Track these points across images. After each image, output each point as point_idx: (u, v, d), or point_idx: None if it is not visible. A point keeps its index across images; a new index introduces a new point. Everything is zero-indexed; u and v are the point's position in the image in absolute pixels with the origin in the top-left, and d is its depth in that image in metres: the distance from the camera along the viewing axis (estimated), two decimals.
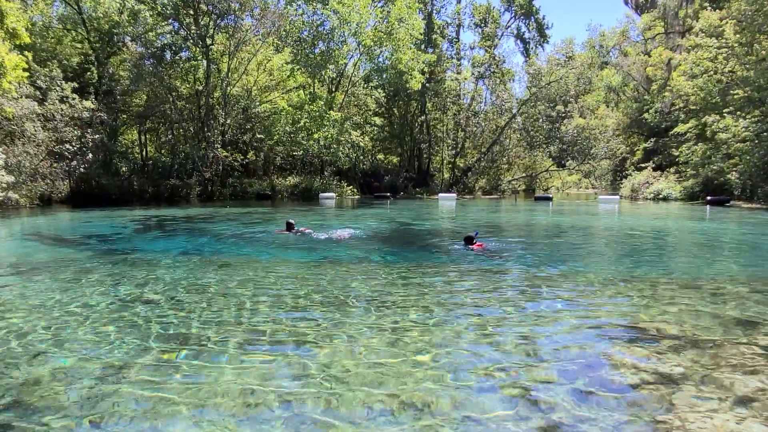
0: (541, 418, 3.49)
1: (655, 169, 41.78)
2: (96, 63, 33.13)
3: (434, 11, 49.33)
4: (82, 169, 29.36)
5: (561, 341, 5.05)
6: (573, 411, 3.58)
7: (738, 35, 30.26)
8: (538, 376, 4.19)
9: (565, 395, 3.82)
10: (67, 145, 28.23)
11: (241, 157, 35.91)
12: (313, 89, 40.28)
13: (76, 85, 29.23)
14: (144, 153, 38.85)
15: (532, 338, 5.14)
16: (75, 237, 14.37)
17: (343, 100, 41.73)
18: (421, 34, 42.16)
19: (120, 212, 22.74)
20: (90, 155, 29.79)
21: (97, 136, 30.16)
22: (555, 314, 6.04)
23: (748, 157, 29.16)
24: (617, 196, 37.16)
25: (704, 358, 4.50)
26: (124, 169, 34.74)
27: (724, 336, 5.12)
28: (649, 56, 44.81)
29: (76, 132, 28.74)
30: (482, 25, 53.14)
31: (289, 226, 14.05)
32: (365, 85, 44.70)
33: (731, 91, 31.01)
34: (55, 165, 28.49)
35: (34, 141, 26.85)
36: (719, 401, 3.68)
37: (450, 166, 51.94)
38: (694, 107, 35.01)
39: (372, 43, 38.14)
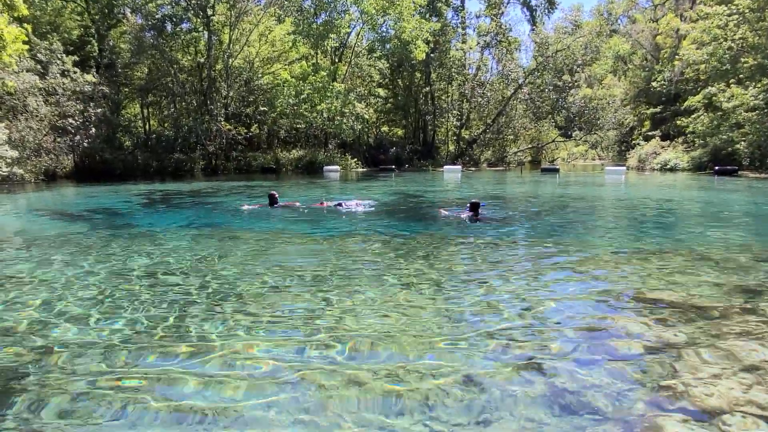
0: (544, 383, 3.52)
1: (662, 139, 41.28)
2: (96, 35, 32.74)
3: None
4: (85, 144, 29.31)
5: (566, 309, 5.06)
6: (577, 377, 3.60)
7: (749, 0, 29.45)
8: (543, 343, 4.22)
9: (570, 362, 3.85)
10: (70, 120, 28.13)
11: (245, 131, 35.70)
12: (316, 60, 39.74)
13: (77, 59, 28.95)
14: (147, 127, 38.67)
15: (537, 306, 5.16)
16: (81, 211, 14.43)
17: (346, 71, 41.19)
18: (425, 2, 41.26)
19: (125, 187, 22.78)
20: (93, 130, 29.69)
21: (100, 110, 30.01)
22: (560, 283, 6.05)
23: (757, 126, 28.73)
24: (624, 167, 36.83)
25: (709, 327, 4.50)
26: (127, 143, 34.65)
27: (728, 304, 5.11)
28: (658, 24, 43.80)
29: (78, 106, 28.60)
30: None
31: (272, 200, 13.10)
32: (369, 56, 44.03)
33: (741, 59, 30.35)
34: (58, 140, 28.43)
35: (36, 116, 26.75)
36: (723, 368, 3.69)
37: (455, 138, 51.47)
38: (703, 76, 34.36)
39: (374, 11, 37.40)
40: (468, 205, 11.76)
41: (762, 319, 4.66)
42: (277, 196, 13.40)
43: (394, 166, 40.11)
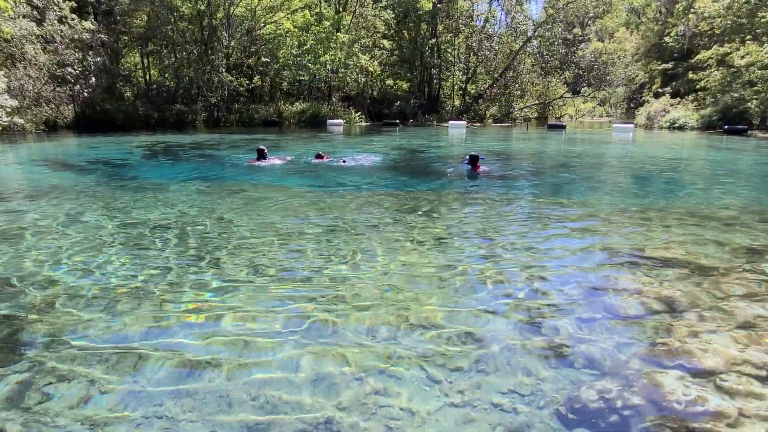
0: (543, 338, 3.57)
1: (672, 96, 40.44)
2: None
3: None
4: (85, 94, 28.88)
5: (567, 266, 5.08)
6: (575, 333, 3.65)
7: None
8: (543, 299, 4.25)
9: (568, 318, 3.89)
10: (69, 69, 27.60)
11: (247, 82, 35.05)
12: (320, 9, 38.55)
13: (74, 5, 28.12)
14: (147, 77, 37.93)
15: (538, 263, 5.18)
16: (83, 163, 14.38)
17: (350, 21, 40.01)
18: None
19: (126, 138, 22.61)
20: (93, 79, 29.19)
21: (99, 59, 29.40)
22: (562, 240, 6.05)
23: None
24: (632, 125, 36.26)
25: (709, 286, 4.52)
26: (128, 93, 34.11)
27: (730, 264, 5.11)
28: None
29: (77, 55, 28.01)
30: None
31: (261, 154, 12.74)
32: (374, 5, 42.67)
33: (759, 13, 29.30)
34: (58, 89, 28.00)
35: (35, 64, 26.25)
36: (721, 327, 3.72)
37: (461, 92, 50.48)
38: (718, 30, 33.28)
39: None
40: (467, 157, 11.76)
41: (763, 278, 4.67)
42: (266, 150, 13.15)
43: (398, 121, 39.55)
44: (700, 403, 2.72)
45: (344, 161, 13.39)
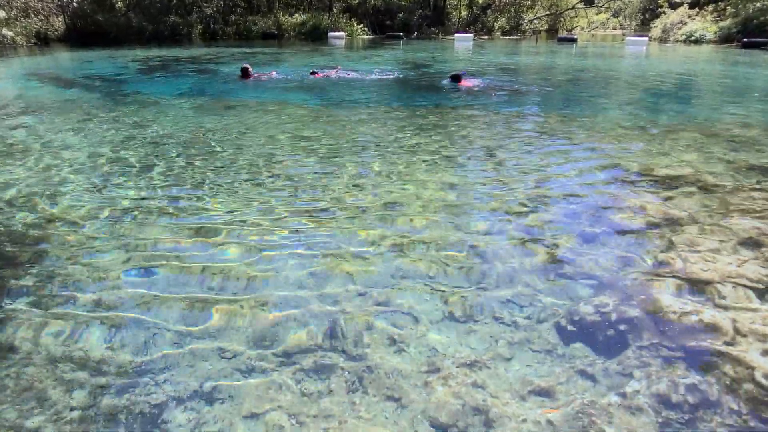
0: (545, 254, 3.61)
1: (691, 7, 38.29)
2: None
3: None
4: (75, 4, 27.56)
5: (570, 183, 5.05)
6: (577, 249, 3.69)
7: None
8: (544, 216, 4.26)
9: (570, 234, 3.92)
10: None
11: None
12: None
13: None
14: None
15: (540, 179, 5.15)
16: (77, 77, 13.98)
17: None
18: None
19: (121, 52, 21.84)
20: None
21: None
22: (567, 157, 5.98)
23: None
24: (646, 38, 34.65)
25: (713, 203, 4.51)
26: (119, 4, 32.51)
27: (735, 182, 5.07)
28: None
29: None
30: None
31: (245, 73, 12.48)
32: None
33: None
34: None
35: None
36: (722, 243, 3.75)
37: (467, 3, 47.91)
38: None
39: None
40: (448, 77, 11.78)
41: (766, 197, 4.65)
42: (250, 69, 12.79)
43: (402, 33, 37.87)
44: (697, 319, 2.79)
45: (338, 70, 13.07)
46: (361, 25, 38.73)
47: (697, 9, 37.54)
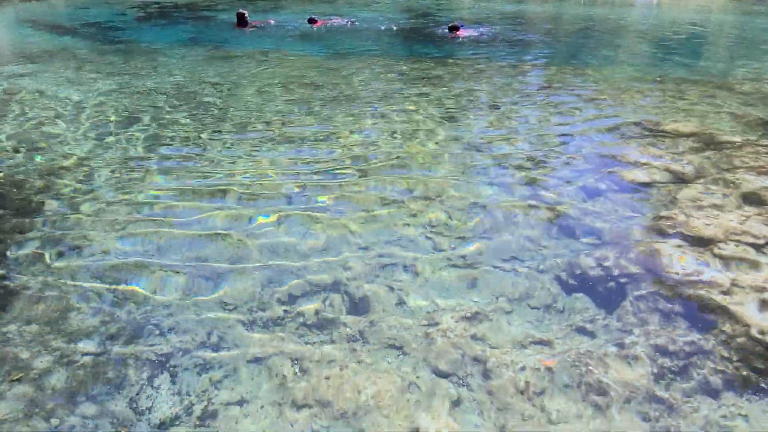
0: (547, 209, 3.61)
1: None
2: None
3: None
4: None
5: (577, 137, 4.99)
6: (579, 204, 3.68)
7: None
8: (548, 170, 4.23)
9: (573, 189, 3.90)
10: None
11: None
12: None
13: None
14: None
15: (547, 133, 5.08)
16: (74, 25, 13.60)
17: None
18: None
19: None
20: None
21: None
22: (572, 110, 5.88)
23: None
24: None
25: (720, 159, 4.46)
26: None
27: (744, 137, 5.00)
28: None
29: None
30: None
31: (241, 19, 11.73)
32: None
33: None
34: None
35: None
36: (726, 199, 3.73)
37: None
38: None
39: None
40: (446, 28, 11.71)
41: None
42: (246, 15, 12.17)
43: None
44: (695, 272, 2.82)
45: (337, 19, 12.74)
46: None
47: None
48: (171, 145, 4.79)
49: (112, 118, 5.51)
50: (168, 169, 4.28)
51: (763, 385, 2.12)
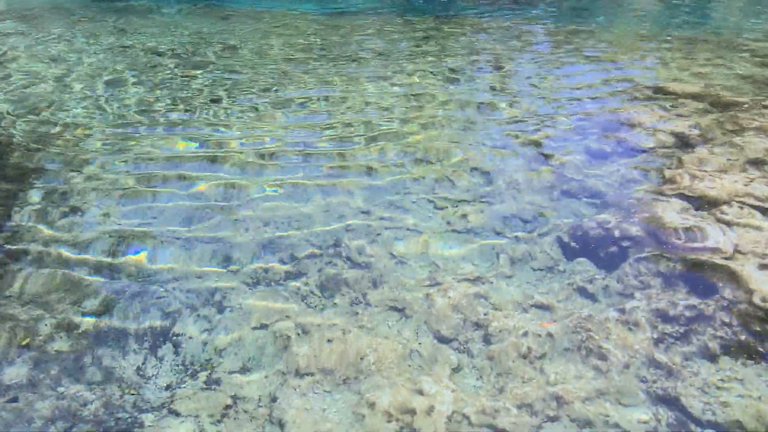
0: (549, 171, 3.57)
1: None
2: None
3: None
4: None
5: (581, 98, 4.90)
6: (582, 166, 3.64)
7: None
8: (551, 131, 4.17)
9: (577, 152, 3.85)
10: None
11: None
12: None
13: None
14: None
15: (551, 95, 4.99)
16: None
17: None
18: None
19: None
20: None
21: None
22: (577, 69, 5.76)
23: None
24: None
25: (726, 120, 4.38)
26: None
27: (752, 98, 4.90)
28: None
29: None
30: None
31: None
32: None
33: None
34: None
35: None
36: (731, 162, 3.68)
37: None
38: None
39: None
40: None
41: None
42: None
43: None
44: (698, 236, 2.80)
45: None
46: None
47: None
48: (167, 109, 4.70)
49: (106, 78, 5.39)
50: (161, 123, 4.22)
51: (760, 349, 2.13)
